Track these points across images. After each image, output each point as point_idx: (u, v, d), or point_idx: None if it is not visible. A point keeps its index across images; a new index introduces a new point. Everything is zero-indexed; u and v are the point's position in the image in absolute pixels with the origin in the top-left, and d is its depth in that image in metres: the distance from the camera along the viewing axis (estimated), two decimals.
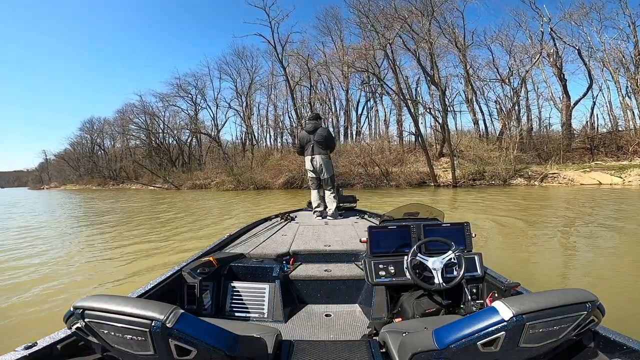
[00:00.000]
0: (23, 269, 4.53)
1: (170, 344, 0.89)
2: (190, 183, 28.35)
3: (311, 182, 4.35)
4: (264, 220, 3.88)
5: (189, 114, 36.08)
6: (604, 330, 1.18)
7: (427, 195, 13.69)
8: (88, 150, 50.79)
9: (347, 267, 2.40)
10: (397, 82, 19.65)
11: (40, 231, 7.91)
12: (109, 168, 44.60)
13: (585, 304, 0.95)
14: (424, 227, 2.14)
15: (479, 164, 17.86)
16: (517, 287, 1.69)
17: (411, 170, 19.49)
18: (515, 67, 21.24)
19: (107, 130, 47.63)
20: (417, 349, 1.08)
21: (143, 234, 6.91)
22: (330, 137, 4.28)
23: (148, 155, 39.77)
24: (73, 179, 52.05)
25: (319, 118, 4.42)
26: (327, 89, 30.25)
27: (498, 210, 8.53)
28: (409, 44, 19.24)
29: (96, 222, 9.41)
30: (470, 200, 11.09)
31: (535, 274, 3.65)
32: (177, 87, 34.54)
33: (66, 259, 5.05)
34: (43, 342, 1.14)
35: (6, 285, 3.89)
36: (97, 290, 3.62)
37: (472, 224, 2.27)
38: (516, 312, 0.88)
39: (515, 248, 4.88)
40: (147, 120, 38.70)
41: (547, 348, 0.99)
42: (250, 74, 32.48)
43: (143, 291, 1.68)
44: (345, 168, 20.74)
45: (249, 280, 2.25)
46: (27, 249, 5.88)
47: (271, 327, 1.52)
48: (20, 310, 3.19)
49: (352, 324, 2.02)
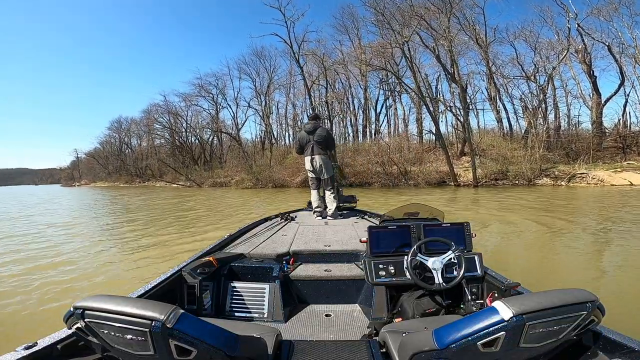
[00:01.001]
0: (73, 266, 4.65)
1: (171, 344, 0.89)
2: (211, 181, 29.14)
3: (311, 183, 4.35)
4: (264, 220, 3.89)
5: (210, 113, 37.15)
6: (604, 330, 1.18)
7: (446, 195, 13.44)
8: (116, 148, 53.12)
9: (347, 267, 2.41)
10: (415, 80, 19.34)
11: (80, 227, 8.37)
12: (135, 166, 46.51)
13: (585, 304, 0.94)
14: (424, 227, 2.14)
15: (502, 163, 17.34)
16: (517, 287, 1.68)
17: (430, 170, 19.20)
18: (541, 64, 20.42)
19: (134, 130, 49.79)
20: (417, 349, 1.08)
21: (177, 231, 7.09)
22: (330, 137, 4.26)
23: (172, 153, 41.15)
24: (102, 176, 54.52)
25: (318, 118, 4.40)
26: (345, 87, 30.26)
27: (520, 211, 8.27)
28: (427, 41, 18.91)
29: (135, 219, 9.75)
30: (490, 200, 10.81)
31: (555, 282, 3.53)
32: (199, 87, 35.67)
33: (108, 255, 5.29)
34: (43, 342, 1.15)
35: (61, 281, 3.98)
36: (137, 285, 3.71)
37: (489, 224, 2.25)
38: (516, 312, 0.88)
39: (535, 253, 4.66)
40: (171, 119, 40.17)
41: (547, 348, 0.99)
42: (269, 74, 33.01)
43: (143, 291, 1.68)
44: (363, 167, 20.69)
45: (249, 280, 2.25)
46: (72, 244, 6.25)
47: (271, 327, 1.52)
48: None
49: (352, 324, 2.02)
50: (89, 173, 60.87)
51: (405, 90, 21.68)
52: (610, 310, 1.14)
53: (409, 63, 18.58)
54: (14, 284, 3.91)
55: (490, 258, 4.32)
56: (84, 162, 64.02)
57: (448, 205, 10.14)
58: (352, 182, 20.43)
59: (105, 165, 53.41)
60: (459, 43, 20.09)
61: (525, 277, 2.21)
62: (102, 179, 54.31)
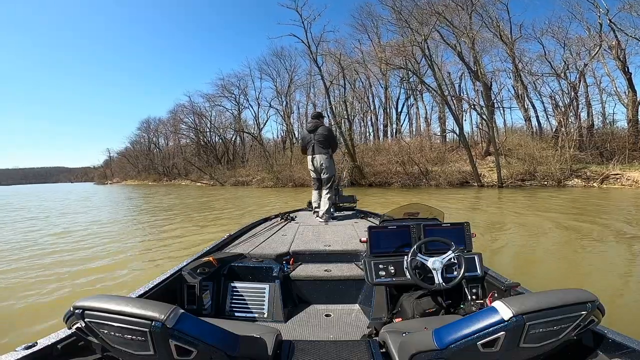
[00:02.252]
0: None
1: (170, 344, 0.89)
2: (233, 180, 29.93)
3: (313, 182, 4.33)
4: (264, 220, 3.89)
5: (233, 113, 38.10)
6: (604, 330, 1.19)
7: (468, 196, 13.12)
8: (145, 148, 55.55)
9: (347, 267, 2.41)
10: (436, 79, 18.95)
11: (115, 226, 8.86)
12: (163, 165, 48.44)
13: (585, 304, 0.94)
14: (424, 227, 2.12)
15: (530, 163, 16.68)
16: (517, 287, 1.68)
17: (452, 170, 18.77)
18: (572, 61, 19.41)
19: (162, 130, 51.95)
20: (417, 349, 1.08)
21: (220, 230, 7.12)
22: (332, 136, 4.17)
23: (197, 153, 42.56)
24: (133, 174, 57.11)
25: (321, 117, 4.34)
26: (365, 86, 30.09)
27: (547, 213, 7.94)
28: (449, 39, 18.49)
29: (177, 218, 9.95)
30: (514, 201, 10.48)
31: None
32: (222, 87, 36.73)
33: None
34: (43, 342, 1.15)
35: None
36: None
37: (510, 226, 2.20)
38: (516, 312, 0.88)
39: (561, 260, 4.32)
40: (196, 120, 41.58)
41: (547, 348, 0.99)
42: (289, 74, 33.43)
43: (143, 291, 1.68)
44: (383, 167, 20.56)
45: (249, 280, 2.25)
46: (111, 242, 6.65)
47: (271, 327, 1.53)
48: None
49: (352, 324, 2.02)
50: (120, 171, 63.75)
51: (427, 89, 21.24)
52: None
53: (429, 61, 18.23)
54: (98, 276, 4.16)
55: (511, 264, 4.17)
56: (115, 161, 67.08)
57: (471, 206, 9.95)
58: (372, 182, 20.37)
59: (135, 164, 55.87)
60: (482, 40, 19.47)
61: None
62: (133, 177, 56.83)
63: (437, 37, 18.74)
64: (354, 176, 20.87)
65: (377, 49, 23.37)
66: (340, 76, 24.84)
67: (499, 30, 19.16)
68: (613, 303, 2.92)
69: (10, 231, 7.92)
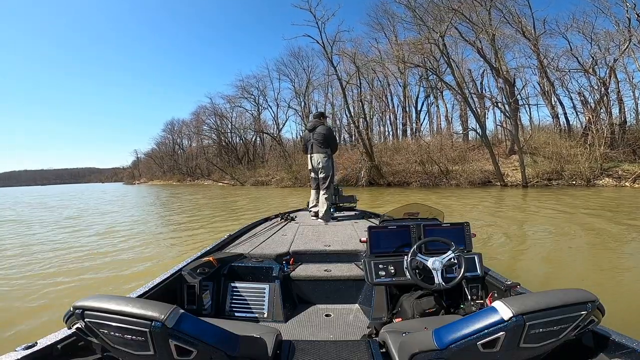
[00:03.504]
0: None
1: (170, 344, 0.89)
2: (253, 180, 30.53)
3: (312, 182, 4.30)
4: (264, 220, 3.89)
5: (253, 114, 38.89)
6: (604, 330, 1.18)
7: (489, 195, 12.80)
8: (170, 149, 57.56)
9: (347, 267, 2.41)
10: (454, 77, 18.53)
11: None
12: (186, 165, 50.02)
13: (585, 304, 0.94)
14: (424, 227, 2.11)
15: (556, 162, 16.01)
16: (517, 287, 1.68)
17: (474, 169, 18.32)
18: (601, 56, 18.40)
19: (185, 131, 53.71)
20: (417, 349, 1.08)
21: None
22: (330, 136, 4.11)
23: (219, 153, 43.72)
24: (158, 175, 59.27)
25: (322, 116, 4.29)
26: (384, 85, 29.85)
27: (575, 213, 7.65)
28: (468, 35, 18.02)
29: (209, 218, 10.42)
30: (537, 202, 10.15)
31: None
32: (241, 89, 37.64)
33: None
34: (43, 342, 1.15)
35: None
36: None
37: (532, 228, 2.13)
38: (516, 312, 0.88)
39: (593, 268, 3.96)
40: (217, 121, 42.71)
41: (547, 348, 0.99)
42: (307, 74, 33.75)
43: (143, 291, 1.68)
44: (402, 166, 20.35)
45: (249, 280, 2.25)
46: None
47: (271, 327, 1.53)
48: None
49: (352, 324, 2.02)
50: (147, 172, 66.19)
51: (447, 87, 20.81)
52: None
53: (447, 59, 17.84)
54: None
55: (533, 271, 3.92)
56: (143, 162, 69.71)
57: (491, 206, 9.73)
58: (391, 182, 20.22)
59: (161, 165, 57.92)
60: (503, 36, 18.84)
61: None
62: (158, 177, 58.95)
63: (455, 34, 18.34)
64: (372, 176, 20.78)
65: (394, 48, 23.12)
66: (356, 76, 24.71)
67: (521, 26, 18.48)
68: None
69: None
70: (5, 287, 3.86)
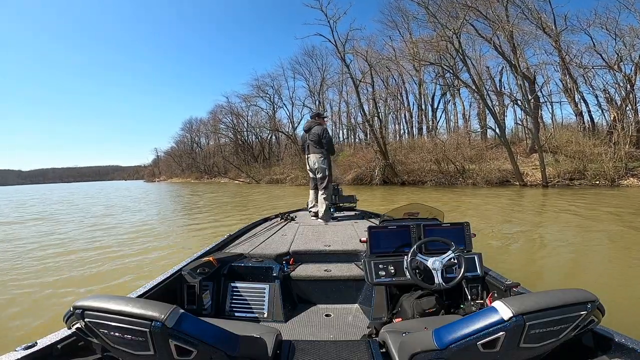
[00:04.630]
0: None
1: (170, 344, 0.89)
2: (268, 178, 30.94)
3: (310, 182, 4.32)
4: (264, 220, 3.89)
5: (268, 113, 39.38)
6: (604, 330, 1.18)
7: (506, 195, 12.50)
8: (188, 147, 59.05)
9: (347, 267, 2.41)
10: (470, 75, 18.15)
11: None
12: (204, 163, 51.20)
13: (585, 304, 0.93)
14: (424, 227, 2.11)
15: (579, 161, 15.44)
16: (517, 287, 1.68)
17: (491, 168, 17.91)
18: (626, 52, 17.57)
19: (202, 130, 54.98)
20: (417, 349, 1.07)
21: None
22: (325, 136, 4.08)
23: (235, 151, 44.51)
24: (177, 172, 60.96)
25: (319, 116, 4.29)
26: (399, 83, 29.54)
27: (598, 215, 7.38)
28: (485, 32, 17.57)
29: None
30: (558, 202, 9.88)
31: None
32: (257, 87, 38.17)
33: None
34: (43, 342, 1.15)
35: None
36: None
37: (550, 230, 2.02)
38: (516, 311, 0.87)
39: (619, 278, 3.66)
40: (234, 119, 43.50)
41: (547, 348, 0.98)
42: (321, 72, 33.87)
43: (143, 291, 1.68)
44: (417, 165, 20.13)
45: (249, 280, 2.25)
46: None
47: (271, 327, 1.52)
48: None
49: (352, 324, 2.02)
50: (167, 170, 68.11)
51: (464, 85, 20.38)
52: None
53: (462, 57, 17.47)
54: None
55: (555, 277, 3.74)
56: (162, 160, 71.82)
57: (506, 206, 9.55)
58: (405, 181, 20.07)
59: (180, 163, 59.54)
60: (522, 32, 18.27)
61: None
62: (177, 175, 60.62)
63: (471, 30, 17.95)
64: (386, 174, 20.68)
65: (409, 45, 22.81)
66: (369, 74, 24.54)
67: (541, 22, 17.89)
68: None
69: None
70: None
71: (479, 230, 5.12)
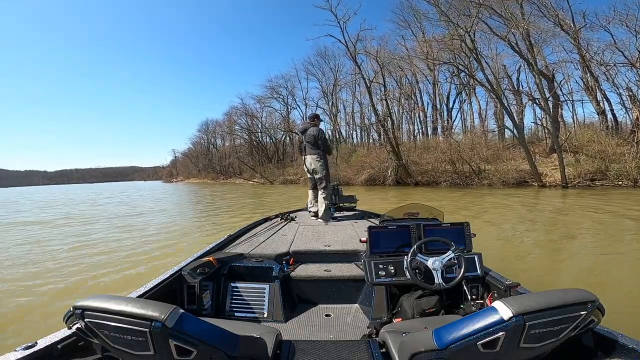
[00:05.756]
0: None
1: (170, 344, 0.89)
2: (282, 178, 31.26)
3: (309, 182, 4.38)
4: (264, 220, 3.91)
5: (282, 114, 39.86)
6: (604, 330, 1.18)
7: (522, 196, 12.20)
8: (204, 148, 60.31)
9: (347, 267, 2.41)
10: (484, 74, 17.77)
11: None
12: (220, 164, 52.15)
13: (585, 304, 0.93)
14: (423, 227, 2.10)
15: (601, 161, 14.88)
16: (518, 287, 1.68)
17: (508, 168, 17.51)
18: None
19: (218, 131, 56.06)
20: (417, 349, 1.07)
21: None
22: (320, 137, 4.13)
23: (250, 152, 45.17)
24: (194, 173, 62.26)
25: (316, 118, 4.35)
26: (412, 83, 29.25)
27: (617, 219, 7.19)
28: (500, 30, 17.15)
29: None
30: (576, 204, 9.61)
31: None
32: (270, 89, 38.81)
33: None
34: (43, 342, 1.15)
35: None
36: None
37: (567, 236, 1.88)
38: (516, 311, 0.87)
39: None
40: (248, 121, 44.22)
41: (547, 348, 0.98)
42: (334, 73, 33.97)
43: (143, 291, 1.68)
44: (430, 165, 19.91)
45: (249, 280, 2.25)
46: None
47: (271, 327, 1.52)
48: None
49: (352, 324, 2.02)
50: (184, 170, 69.76)
51: (479, 84, 19.99)
52: None
53: (475, 55, 17.13)
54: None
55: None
56: (180, 161, 73.51)
57: (519, 207, 9.36)
58: (419, 181, 19.88)
59: (196, 163, 60.79)
60: (539, 30, 17.78)
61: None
62: (194, 175, 61.93)
63: (485, 28, 17.58)
64: (399, 175, 20.54)
65: (422, 45, 22.55)
66: (380, 74, 24.43)
67: (559, 20, 17.36)
68: None
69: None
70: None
71: (500, 230, 4.80)
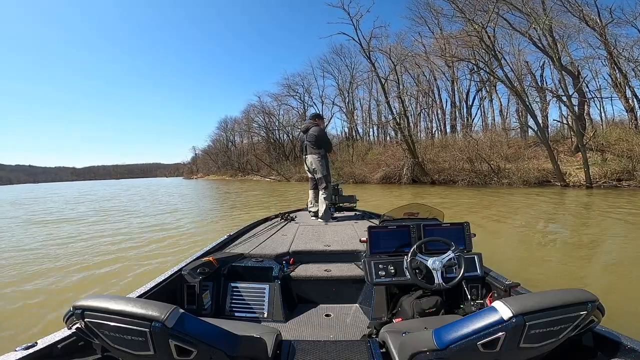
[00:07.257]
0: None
1: (170, 344, 0.89)
2: (298, 176, 31.52)
3: (309, 182, 4.40)
4: (264, 220, 3.91)
5: (299, 112, 40.15)
6: (604, 331, 1.19)
7: (545, 196, 11.88)
8: (223, 145, 61.62)
9: (347, 267, 2.41)
10: (503, 71, 17.26)
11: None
12: (238, 161, 53.18)
13: (585, 304, 0.93)
14: (423, 227, 2.10)
15: (628, 161, 14.22)
16: (517, 287, 1.68)
17: (529, 167, 17.01)
18: None
19: (236, 129, 57.09)
20: (417, 349, 1.07)
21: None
22: (321, 137, 4.14)
23: (267, 150, 45.83)
24: (214, 170, 63.83)
25: (317, 117, 4.36)
26: (430, 80, 28.75)
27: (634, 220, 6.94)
28: (522, 25, 16.59)
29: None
30: (601, 206, 9.28)
31: None
32: (287, 87, 39.24)
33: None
34: (43, 342, 1.15)
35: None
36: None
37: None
38: (516, 311, 0.87)
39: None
40: (265, 118, 44.88)
41: (547, 348, 0.98)
42: (350, 70, 33.88)
43: (143, 291, 1.68)
44: (447, 164, 19.61)
45: (249, 280, 2.25)
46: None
47: (271, 327, 1.52)
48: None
49: (352, 324, 2.03)
50: (204, 167, 71.73)
51: (499, 81, 19.46)
52: None
53: (492, 52, 16.67)
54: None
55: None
56: (200, 158, 75.44)
57: (539, 207, 9.17)
58: (435, 180, 19.65)
59: (216, 160, 62.23)
60: (563, 26, 17.08)
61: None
62: (214, 172, 63.51)
63: (507, 24, 17.08)
64: (415, 173, 20.36)
65: (438, 41, 22.12)
66: (395, 72, 24.16)
67: (583, 15, 16.62)
68: None
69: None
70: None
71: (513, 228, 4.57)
